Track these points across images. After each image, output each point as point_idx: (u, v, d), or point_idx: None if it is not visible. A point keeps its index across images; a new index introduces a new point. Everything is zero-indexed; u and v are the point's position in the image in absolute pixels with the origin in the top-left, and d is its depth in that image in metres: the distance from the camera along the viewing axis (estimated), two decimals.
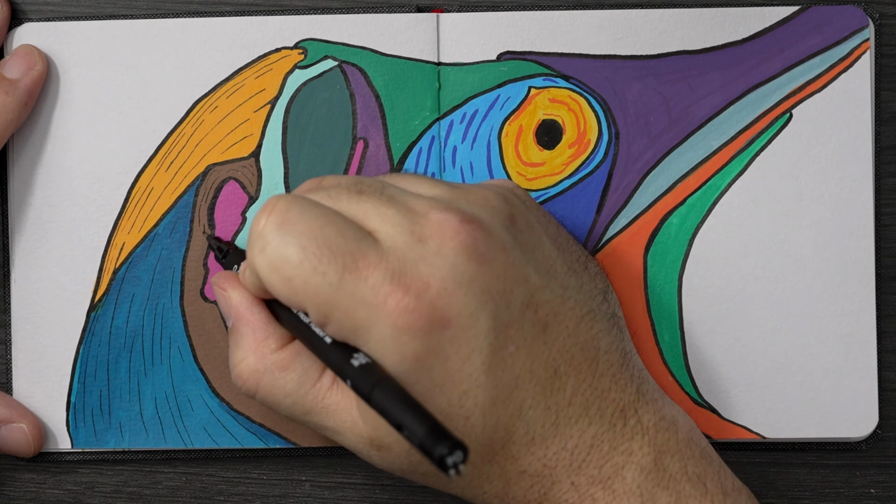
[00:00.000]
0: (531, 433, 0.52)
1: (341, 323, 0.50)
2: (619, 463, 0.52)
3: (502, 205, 0.53)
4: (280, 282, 0.50)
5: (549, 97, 0.60)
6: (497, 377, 0.51)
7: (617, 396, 0.53)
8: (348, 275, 0.49)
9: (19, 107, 0.59)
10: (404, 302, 0.49)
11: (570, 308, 0.53)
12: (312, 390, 0.53)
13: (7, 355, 0.61)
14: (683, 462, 0.53)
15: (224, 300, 0.55)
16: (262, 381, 0.54)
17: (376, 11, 0.60)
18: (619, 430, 0.53)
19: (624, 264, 0.60)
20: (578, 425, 0.52)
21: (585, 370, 0.53)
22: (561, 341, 0.52)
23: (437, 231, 0.50)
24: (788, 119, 0.60)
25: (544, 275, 0.53)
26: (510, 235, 0.52)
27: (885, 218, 0.61)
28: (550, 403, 0.52)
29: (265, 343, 0.54)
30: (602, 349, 0.53)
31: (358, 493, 0.62)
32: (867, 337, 0.60)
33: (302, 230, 0.50)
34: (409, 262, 0.50)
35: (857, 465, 0.61)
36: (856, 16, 0.60)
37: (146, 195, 0.60)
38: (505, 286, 0.51)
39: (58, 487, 0.61)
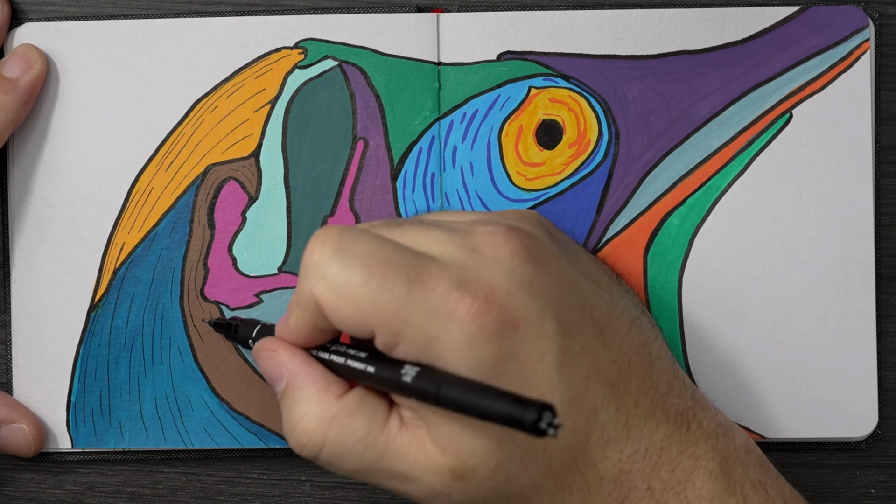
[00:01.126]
0: (606, 436, 0.51)
1: (414, 338, 0.49)
2: (688, 468, 0.52)
3: (537, 220, 0.54)
4: (347, 305, 0.49)
5: (550, 97, 0.60)
6: (569, 377, 0.50)
7: (675, 401, 0.53)
8: (415, 287, 0.49)
9: (19, 106, 0.59)
10: (475, 306, 0.49)
11: (620, 314, 0.53)
12: (383, 433, 0.51)
13: (7, 355, 0.61)
14: (745, 468, 0.53)
15: (272, 361, 0.53)
16: (329, 430, 0.51)
17: (376, 11, 0.60)
18: (684, 434, 0.52)
19: (624, 264, 0.60)
20: (647, 427, 0.52)
21: (644, 373, 0.52)
22: (618, 344, 0.52)
23: (489, 241, 0.51)
24: (788, 119, 0.60)
25: (591, 281, 0.53)
26: (554, 244, 0.53)
27: (885, 218, 0.61)
28: (620, 404, 0.51)
29: (328, 391, 0.52)
30: (654, 355, 0.53)
31: (358, 493, 0.62)
32: (867, 337, 0.60)
33: (361, 252, 0.49)
34: (469, 270, 0.50)
35: (857, 465, 0.61)
36: (856, 16, 0.60)
37: (146, 195, 0.60)
38: (561, 289, 0.51)
39: (58, 487, 0.61)
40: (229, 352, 0.60)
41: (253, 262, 0.60)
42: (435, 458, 0.50)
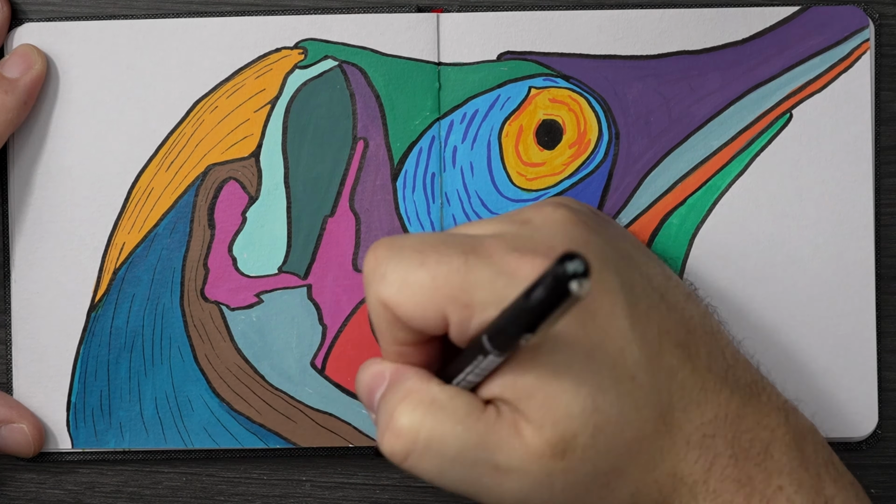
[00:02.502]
0: (686, 398, 0.50)
1: (485, 303, 0.48)
2: (765, 439, 0.51)
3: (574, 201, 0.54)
4: (412, 293, 0.48)
5: (550, 97, 0.60)
6: (642, 332, 0.49)
7: (743, 373, 0.52)
8: (472, 257, 0.48)
9: (19, 106, 0.59)
10: (538, 263, 0.48)
11: (675, 285, 0.53)
12: (482, 418, 0.49)
13: (7, 355, 0.61)
14: (815, 445, 0.52)
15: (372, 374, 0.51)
16: (428, 414, 0.49)
17: (376, 11, 0.60)
18: (757, 405, 0.51)
19: None
20: (723, 393, 0.50)
21: (711, 339, 0.52)
22: (679, 312, 0.51)
23: (537, 213, 0.51)
24: (788, 119, 0.60)
25: (643, 254, 0.53)
26: (598, 218, 0.53)
27: (885, 218, 0.61)
28: (695, 366, 0.50)
29: (430, 380, 0.50)
30: (715, 327, 0.53)
31: (358, 493, 0.62)
32: (867, 337, 0.60)
33: (412, 243, 0.49)
34: (523, 237, 0.49)
35: (857, 465, 0.61)
36: (856, 16, 0.60)
37: (146, 195, 0.60)
38: (617, 254, 0.51)
39: (58, 487, 0.61)
40: (230, 352, 0.60)
41: (253, 262, 0.60)
42: (533, 439, 0.48)
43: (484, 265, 0.48)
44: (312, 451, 0.61)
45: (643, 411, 0.49)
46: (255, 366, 0.60)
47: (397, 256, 0.49)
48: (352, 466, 0.61)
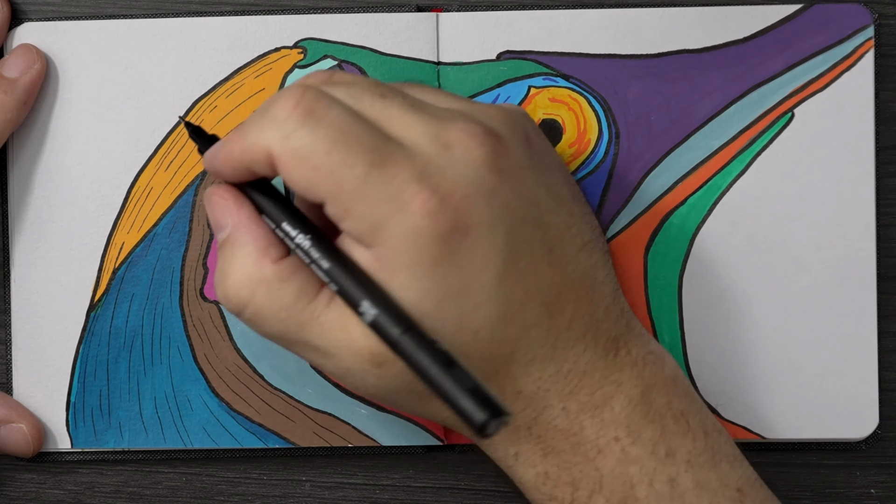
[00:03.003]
0: (531, 353, 0.52)
1: (361, 217, 0.49)
2: (608, 392, 0.52)
3: (519, 124, 0.53)
4: (305, 170, 0.49)
5: (549, 97, 0.60)
6: (508, 292, 0.50)
7: (609, 327, 0.53)
8: (376, 170, 0.49)
9: (18, 106, 0.59)
10: (430, 203, 0.49)
11: (574, 235, 0.53)
12: (310, 305, 0.51)
13: (7, 355, 0.61)
14: (668, 398, 0.53)
15: (223, 208, 0.53)
16: (257, 290, 0.51)
17: (376, 11, 0.60)
18: (610, 360, 0.53)
19: (624, 264, 0.60)
20: (574, 350, 0.52)
21: (584, 297, 0.53)
22: (563, 265, 0.52)
23: (462, 139, 0.50)
24: (790, 118, 0.60)
25: (553, 199, 0.53)
26: (526, 155, 0.52)
27: (886, 218, 0.61)
28: (552, 325, 0.52)
29: (266, 252, 0.51)
30: (598, 279, 0.53)
31: (358, 493, 0.62)
32: (867, 337, 0.60)
33: (331, 122, 0.49)
34: (435, 166, 0.49)
35: (857, 465, 0.61)
36: (859, 14, 0.60)
37: (146, 195, 0.60)
38: (520, 203, 0.51)
39: (58, 487, 0.62)
40: (229, 352, 0.60)
41: None
42: (358, 340, 0.50)
43: (380, 184, 0.49)
44: (312, 451, 0.61)
45: (476, 361, 0.50)
46: (255, 365, 0.60)
47: (311, 128, 0.49)
48: (351, 466, 0.61)
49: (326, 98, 0.50)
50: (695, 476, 0.52)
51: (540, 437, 0.53)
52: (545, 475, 0.53)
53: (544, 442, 0.53)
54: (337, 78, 0.52)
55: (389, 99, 0.51)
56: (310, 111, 0.49)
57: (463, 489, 0.62)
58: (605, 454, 0.52)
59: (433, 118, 0.51)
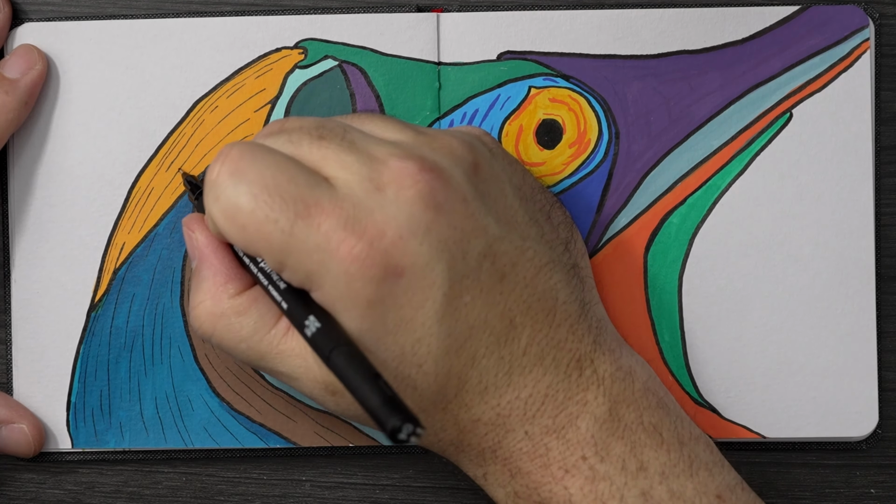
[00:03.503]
0: (484, 382, 0.52)
1: (295, 269, 0.50)
2: (573, 413, 0.52)
3: (466, 153, 0.53)
4: (235, 230, 0.50)
5: (550, 97, 0.60)
6: (450, 326, 0.51)
7: (573, 346, 0.53)
8: (300, 221, 0.49)
9: (19, 106, 0.59)
10: (357, 249, 0.49)
11: (529, 259, 0.53)
12: (267, 336, 0.53)
13: (7, 355, 0.61)
14: (639, 412, 0.53)
15: (191, 241, 0.55)
16: (217, 324, 0.53)
17: (376, 11, 0.60)
18: (574, 381, 0.53)
19: (624, 264, 0.60)
20: (533, 375, 0.52)
21: (542, 320, 0.53)
22: (518, 291, 0.52)
23: (396, 179, 0.50)
24: (788, 119, 0.60)
25: (504, 225, 0.53)
26: (471, 185, 0.52)
27: (885, 218, 0.61)
28: (504, 353, 0.52)
29: (224, 288, 0.53)
30: (560, 300, 0.53)
31: (358, 493, 0.62)
32: (867, 337, 0.60)
33: (253, 178, 0.50)
34: (364, 209, 0.50)
35: (857, 465, 0.61)
36: (856, 15, 0.60)
37: (146, 195, 0.60)
38: (462, 236, 0.51)
39: (58, 487, 0.61)
40: None
41: None
42: (312, 368, 0.52)
43: (307, 235, 0.49)
44: (312, 451, 0.61)
45: (423, 392, 0.51)
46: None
47: (235, 185, 0.50)
48: (352, 466, 0.61)
49: (251, 152, 0.51)
50: (669, 487, 0.53)
51: (506, 460, 0.53)
52: (515, 494, 0.54)
53: (511, 463, 0.53)
54: (287, 125, 0.53)
55: (327, 140, 0.51)
56: (233, 169, 0.50)
57: (463, 489, 0.62)
58: (572, 473, 0.52)
59: (368, 158, 0.51)
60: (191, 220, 0.55)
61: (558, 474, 0.52)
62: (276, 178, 0.50)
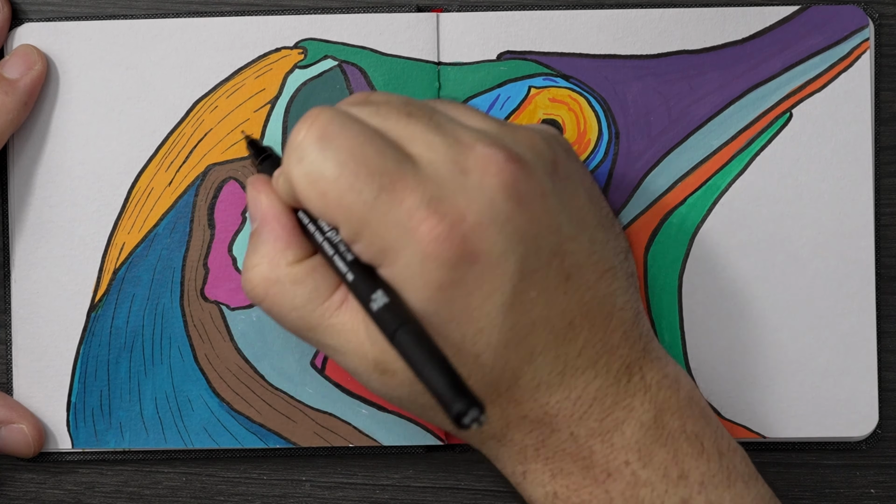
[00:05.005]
0: (537, 379, 0.52)
1: (371, 241, 0.50)
2: (619, 417, 0.52)
3: (547, 149, 0.53)
4: (315, 195, 0.50)
5: (549, 97, 0.60)
6: (514, 320, 0.50)
7: (625, 353, 0.53)
8: (384, 195, 0.49)
9: (19, 106, 0.59)
10: (437, 230, 0.49)
11: (595, 262, 0.53)
12: (320, 308, 0.52)
13: (7, 355, 0.61)
14: (683, 420, 0.53)
15: (254, 202, 0.54)
16: (270, 290, 0.53)
17: (376, 11, 0.60)
18: (623, 386, 0.53)
19: None
20: (584, 377, 0.52)
21: (599, 324, 0.53)
22: (580, 293, 0.52)
23: (481, 165, 0.50)
24: (788, 119, 0.60)
25: (576, 225, 0.53)
26: (550, 181, 0.52)
27: (885, 218, 0.61)
28: (561, 353, 0.52)
29: (283, 253, 0.53)
30: (618, 305, 0.53)
31: (358, 493, 0.62)
32: (867, 337, 0.60)
33: (341, 145, 0.50)
34: (447, 191, 0.49)
35: (857, 465, 0.61)
36: (856, 15, 0.60)
37: (146, 195, 0.60)
38: (537, 231, 0.51)
39: (58, 487, 0.61)
40: (230, 352, 0.60)
41: None
42: (364, 345, 0.52)
43: (389, 210, 0.49)
44: (312, 451, 0.61)
45: (476, 383, 0.51)
46: (255, 366, 0.60)
47: (322, 151, 0.50)
48: (352, 466, 0.61)
49: (340, 119, 0.50)
50: (708, 497, 0.53)
51: (548, 459, 0.53)
52: (554, 495, 0.53)
53: (553, 463, 0.53)
54: (373, 98, 0.53)
55: (415, 118, 0.51)
56: (321, 135, 0.50)
57: (463, 489, 0.62)
58: (615, 478, 0.52)
59: (455, 141, 0.51)
60: (257, 181, 0.54)
61: (601, 477, 0.52)
62: (364, 148, 0.50)
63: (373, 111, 0.51)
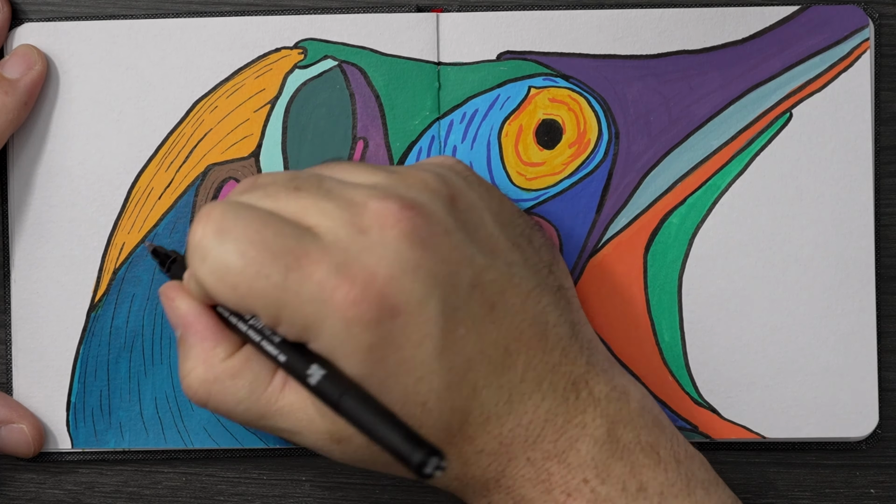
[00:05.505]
0: (486, 413, 0.52)
1: (291, 321, 0.50)
2: (573, 436, 0.52)
3: (441, 186, 0.53)
4: (226, 290, 0.50)
5: (549, 97, 0.60)
6: (450, 361, 0.51)
7: (568, 369, 0.53)
8: (292, 274, 0.49)
9: (19, 107, 0.59)
10: (352, 294, 0.49)
11: (517, 285, 0.53)
12: (265, 395, 0.52)
13: (7, 355, 0.61)
14: (636, 432, 0.53)
15: (171, 310, 0.54)
16: (212, 390, 0.53)
17: (376, 11, 0.60)
18: (571, 403, 0.53)
19: (624, 264, 0.60)
20: (532, 401, 0.52)
21: (535, 345, 0.53)
22: (509, 319, 0.52)
23: (378, 220, 0.50)
24: (788, 119, 0.60)
25: (488, 254, 0.52)
26: (451, 217, 0.52)
27: (885, 218, 0.61)
28: (503, 382, 0.52)
29: (214, 352, 0.53)
30: (551, 323, 0.53)
31: (358, 493, 0.62)
32: (867, 337, 0.60)
33: (239, 236, 0.50)
34: (352, 253, 0.49)
35: (857, 465, 0.61)
36: (856, 15, 0.60)
37: (146, 195, 0.60)
38: (450, 269, 0.51)
39: (58, 487, 0.61)
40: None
41: None
42: (314, 420, 0.52)
43: (300, 287, 0.49)
44: (312, 451, 0.61)
45: (428, 430, 0.51)
46: None
47: (221, 244, 0.50)
48: (352, 466, 0.61)
49: (234, 210, 0.50)
50: None
51: (510, 488, 0.53)
52: None
53: (514, 491, 0.53)
54: (259, 181, 0.53)
55: (304, 191, 0.51)
56: (218, 229, 0.50)
57: None
58: (574, 497, 0.52)
59: (348, 203, 0.51)
60: (168, 289, 0.54)
61: (560, 498, 0.52)
62: (262, 232, 0.50)
63: (262, 194, 0.52)
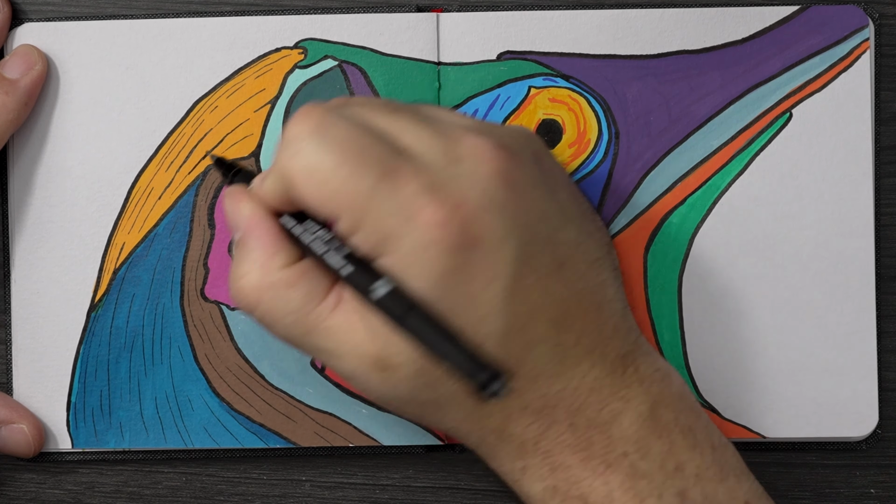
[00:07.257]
0: (537, 369, 0.51)
1: (372, 230, 0.49)
2: (616, 409, 0.52)
3: (530, 142, 0.54)
4: (314, 187, 0.50)
5: (549, 97, 0.60)
6: (515, 306, 0.50)
7: (618, 344, 0.53)
8: (384, 183, 0.49)
9: (19, 107, 0.59)
10: (438, 215, 0.49)
11: (584, 252, 0.53)
12: (316, 310, 0.51)
13: (7, 355, 0.61)
14: (676, 413, 0.53)
15: (235, 212, 0.53)
16: (263, 297, 0.52)
17: (376, 11, 0.60)
18: (618, 377, 0.53)
19: (624, 264, 0.60)
20: (582, 367, 0.52)
21: (592, 314, 0.53)
22: (573, 282, 0.52)
23: (472, 153, 0.50)
24: (788, 119, 0.60)
25: (564, 216, 0.53)
26: (537, 171, 0.52)
27: (885, 218, 0.61)
28: (560, 341, 0.52)
29: (273, 258, 0.52)
30: (608, 296, 0.54)
31: (358, 493, 0.62)
32: (867, 337, 0.60)
33: (337, 136, 0.50)
34: (444, 178, 0.49)
35: (857, 465, 0.61)
36: (856, 15, 0.60)
37: (146, 195, 0.60)
38: (531, 218, 0.51)
39: (58, 487, 0.61)
40: (230, 352, 0.60)
41: None
42: (363, 343, 0.51)
43: (389, 197, 0.49)
44: (312, 451, 0.61)
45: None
46: (255, 365, 0.60)
47: (319, 142, 0.50)
48: (352, 466, 0.61)
49: (334, 114, 0.50)
50: (703, 490, 0.53)
51: (548, 452, 0.53)
52: (553, 489, 0.53)
53: (552, 457, 0.53)
54: (353, 100, 0.53)
55: (401, 112, 0.51)
56: (317, 127, 0.50)
57: (463, 489, 0.62)
58: (614, 469, 0.52)
59: (443, 132, 0.51)
60: (234, 192, 0.54)
61: (599, 469, 0.52)
62: (359, 140, 0.50)
63: (358, 109, 0.52)
